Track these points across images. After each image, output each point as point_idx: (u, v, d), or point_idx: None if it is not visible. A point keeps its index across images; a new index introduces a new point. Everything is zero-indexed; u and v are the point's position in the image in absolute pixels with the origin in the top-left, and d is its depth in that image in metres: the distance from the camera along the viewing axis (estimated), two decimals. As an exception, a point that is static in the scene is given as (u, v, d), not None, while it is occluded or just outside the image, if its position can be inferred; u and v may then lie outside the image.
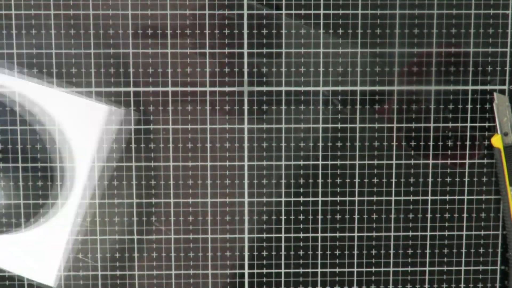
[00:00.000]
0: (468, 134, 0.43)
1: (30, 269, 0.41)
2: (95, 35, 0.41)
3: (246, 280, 0.43)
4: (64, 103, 0.41)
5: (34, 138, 0.41)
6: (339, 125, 0.43)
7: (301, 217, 0.43)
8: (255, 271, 0.43)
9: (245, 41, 0.42)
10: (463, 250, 0.44)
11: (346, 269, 0.44)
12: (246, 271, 0.44)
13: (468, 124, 0.43)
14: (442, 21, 0.42)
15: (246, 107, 0.42)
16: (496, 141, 0.42)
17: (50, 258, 0.41)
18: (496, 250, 0.44)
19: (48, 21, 0.41)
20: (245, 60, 0.42)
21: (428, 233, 0.44)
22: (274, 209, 0.43)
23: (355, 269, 0.44)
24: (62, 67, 0.41)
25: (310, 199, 0.43)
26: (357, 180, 0.43)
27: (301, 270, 0.44)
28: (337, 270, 0.44)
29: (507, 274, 0.44)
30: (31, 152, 0.41)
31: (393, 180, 0.43)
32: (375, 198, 0.43)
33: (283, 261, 0.44)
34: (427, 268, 0.44)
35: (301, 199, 0.43)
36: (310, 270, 0.44)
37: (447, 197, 0.44)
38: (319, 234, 0.43)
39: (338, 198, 0.43)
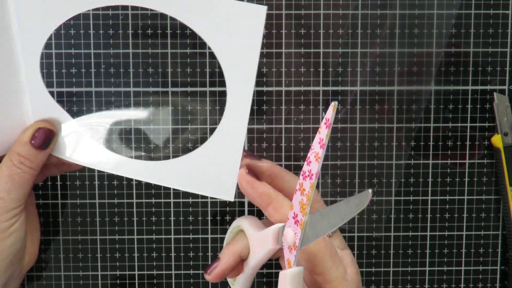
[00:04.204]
0: (468, 134, 0.43)
1: (209, 186, 0.38)
2: (95, 35, 0.41)
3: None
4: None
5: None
6: (339, 125, 0.43)
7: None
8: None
9: (245, 41, 0.41)
10: (463, 250, 0.44)
11: (346, 269, 0.44)
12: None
13: (468, 124, 0.43)
14: (442, 21, 0.42)
15: (246, 107, 0.42)
16: (496, 141, 0.42)
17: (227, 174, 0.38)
18: (496, 250, 0.44)
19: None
20: (245, 60, 0.42)
21: (428, 233, 0.44)
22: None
23: (355, 269, 0.44)
24: (62, 67, 0.41)
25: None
26: (357, 180, 0.43)
27: (301, 270, 0.44)
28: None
29: (507, 274, 0.44)
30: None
31: (393, 180, 0.43)
32: (375, 198, 0.43)
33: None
34: (427, 268, 0.44)
35: (301, 199, 0.43)
36: (310, 270, 0.44)
37: (447, 197, 0.44)
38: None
39: (338, 198, 0.43)
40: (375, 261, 0.44)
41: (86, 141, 0.39)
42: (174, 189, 0.43)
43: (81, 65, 0.41)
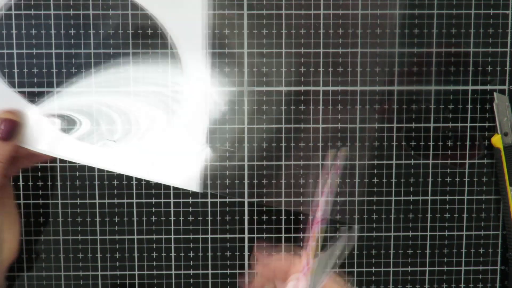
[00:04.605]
0: (468, 134, 0.43)
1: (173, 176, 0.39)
2: (95, 35, 0.41)
3: (246, 280, 0.43)
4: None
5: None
6: (339, 125, 0.43)
7: (301, 217, 0.43)
8: (255, 271, 0.43)
9: (245, 41, 0.42)
10: (463, 250, 0.44)
11: (346, 269, 0.44)
12: (246, 271, 0.44)
13: (468, 124, 0.43)
14: (442, 21, 0.42)
15: (246, 107, 0.42)
16: (496, 141, 0.42)
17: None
18: (496, 250, 0.44)
19: (48, 21, 0.41)
20: (245, 60, 0.42)
21: (428, 233, 0.44)
22: (274, 209, 0.43)
23: (355, 269, 0.44)
24: (62, 67, 0.41)
25: (310, 199, 0.43)
26: (357, 180, 0.43)
27: (301, 270, 0.44)
28: (337, 270, 0.44)
29: (507, 274, 0.44)
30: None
31: (393, 180, 0.43)
32: (375, 198, 0.43)
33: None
34: (427, 268, 0.44)
35: (301, 199, 0.43)
36: (310, 270, 0.44)
37: (447, 197, 0.44)
38: (319, 234, 0.43)
39: (338, 198, 0.43)
40: (375, 261, 0.44)
41: (52, 131, 0.39)
42: (174, 189, 0.43)
43: (81, 65, 0.41)
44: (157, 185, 0.43)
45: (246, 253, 0.43)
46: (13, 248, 0.40)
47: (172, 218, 0.43)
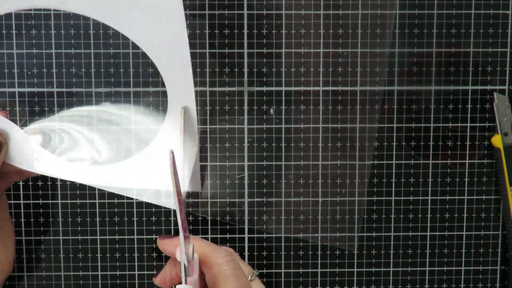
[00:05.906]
0: (468, 134, 0.43)
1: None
2: (95, 35, 0.41)
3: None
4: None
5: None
6: (339, 125, 0.43)
7: (301, 217, 0.43)
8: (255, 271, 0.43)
9: (245, 41, 0.42)
10: (463, 250, 0.44)
11: (346, 269, 0.44)
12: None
13: (468, 124, 0.43)
14: (442, 21, 0.42)
15: (246, 107, 0.42)
16: (496, 141, 0.42)
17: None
18: (496, 250, 0.44)
19: (48, 21, 0.41)
20: (245, 60, 0.42)
21: (428, 233, 0.44)
22: (274, 209, 0.43)
23: (355, 269, 0.44)
24: (62, 67, 0.41)
25: (310, 199, 0.43)
26: (357, 180, 0.43)
27: (301, 270, 0.44)
28: (337, 270, 0.44)
29: (507, 274, 0.44)
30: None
31: (393, 180, 0.43)
32: (375, 198, 0.43)
33: (283, 261, 0.44)
34: (427, 268, 0.44)
35: (301, 199, 0.43)
36: (310, 270, 0.44)
37: (447, 197, 0.44)
38: (319, 234, 0.43)
39: (338, 198, 0.43)
40: (375, 261, 0.44)
41: (36, 148, 0.39)
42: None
43: (81, 65, 0.41)
44: (157, 185, 0.43)
45: (246, 253, 0.43)
46: (6, 265, 0.39)
47: (172, 218, 0.43)
